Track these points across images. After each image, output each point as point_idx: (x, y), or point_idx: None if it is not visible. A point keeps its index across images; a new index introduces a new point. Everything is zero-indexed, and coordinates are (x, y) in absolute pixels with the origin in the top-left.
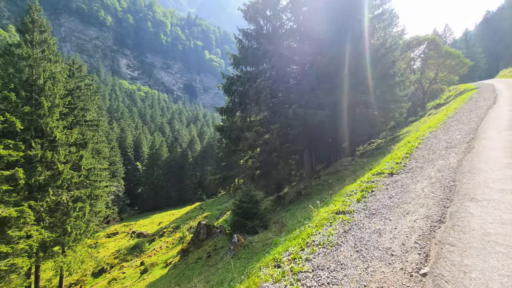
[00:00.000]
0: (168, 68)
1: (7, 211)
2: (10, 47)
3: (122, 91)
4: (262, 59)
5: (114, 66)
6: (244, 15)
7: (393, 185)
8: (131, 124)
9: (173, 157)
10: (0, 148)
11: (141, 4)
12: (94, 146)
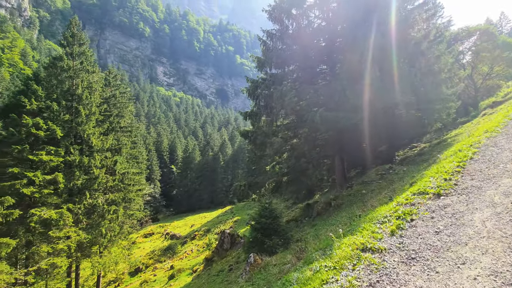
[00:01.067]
0: (201, 74)
1: (48, 213)
2: (54, 60)
3: (159, 97)
4: (288, 60)
5: (152, 74)
6: (269, 16)
7: (440, 212)
8: (166, 128)
9: (205, 160)
10: (43, 154)
11: (176, 14)
12: (128, 151)
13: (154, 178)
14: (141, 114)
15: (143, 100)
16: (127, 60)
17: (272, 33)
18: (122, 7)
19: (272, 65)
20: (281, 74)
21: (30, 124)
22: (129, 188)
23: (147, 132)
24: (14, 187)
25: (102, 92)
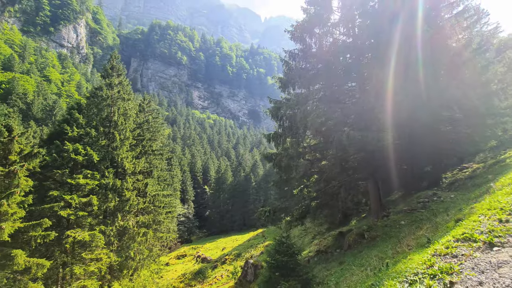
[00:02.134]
0: (233, 96)
1: (82, 235)
2: (95, 90)
3: (194, 120)
4: (313, 79)
5: (188, 98)
6: (291, 36)
7: (493, 275)
8: (200, 150)
9: (237, 181)
10: (81, 178)
11: (210, 42)
12: (159, 173)
13: (188, 199)
14: (178, 137)
15: (180, 123)
16: (166, 87)
17: (294, 53)
18: (163, 40)
19: (296, 85)
20: (305, 94)
21: (71, 150)
22: (159, 210)
23: (182, 153)
24: (52, 210)
25: (136, 117)
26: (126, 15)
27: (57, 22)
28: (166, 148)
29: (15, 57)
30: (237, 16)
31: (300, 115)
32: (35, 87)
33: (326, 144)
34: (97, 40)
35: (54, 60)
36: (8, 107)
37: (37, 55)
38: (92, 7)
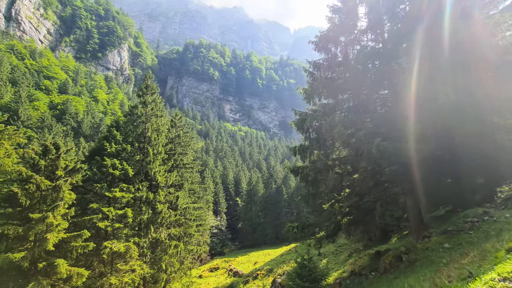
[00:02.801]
0: (264, 108)
1: (118, 246)
2: (131, 109)
3: (226, 133)
4: (340, 89)
5: (220, 111)
6: (315, 47)
7: None
8: (232, 162)
9: (268, 193)
10: (117, 191)
11: (240, 57)
12: (190, 186)
13: (221, 211)
14: (210, 149)
15: (212, 136)
16: (200, 102)
17: (319, 63)
18: (196, 58)
19: (322, 95)
20: (332, 104)
21: (109, 165)
22: (189, 223)
23: (215, 166)
24: (92, 221)
25: (168, 133)
26: (163, 37)
27: (104, 48)
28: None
29: (69, 81)
30: (266, 30)
31: (326, 126)
32: (85, 107)
33: (355, 157)
34: (138, 62)
35: (101, 82)
36: (63, 126)
37: (87, 78)
38: (134, 33)
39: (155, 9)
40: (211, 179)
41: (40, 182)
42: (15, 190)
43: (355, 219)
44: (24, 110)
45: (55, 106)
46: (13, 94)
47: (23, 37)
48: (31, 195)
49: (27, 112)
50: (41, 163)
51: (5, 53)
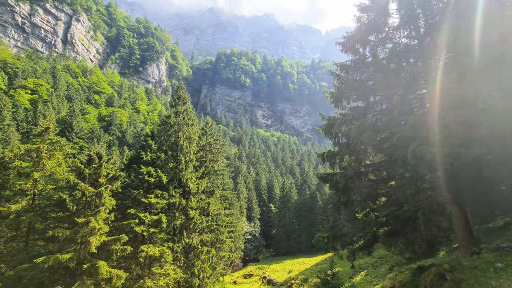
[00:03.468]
0: (296, 113)
1: (153, 250)
2: (165, 119)
3: (258, 139)
4: (370, 90)
5: (252, 118)
6: (343, 48)
7: None
8: (265, 167)
9: (302, 199)
10: (152, 197)
11: (271, 63)
12: (221, 192)
13: (254, 217)
14: (243, 155)
15: (245, 143)
16: (232, 109)
17: (346, 65)
18: (228, 66)
19: (350, 98)
20: (363, 107)
21: (145, 172)
22: (221, 229)
23: (248, 171)
24: (129, 226)
25: (199, 140)
26: (197, 48)
27: (144, 62)
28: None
29: (115, 94)
30: (297, 34)
31: (355, 131)
32: (128, 118)
33: (388, 163)
34: (175, 74)
35: (142, 94)
36: (109, 136)
37: (130, 91)
38: (170, 47)
39: (189, 23)
40: (244, 185)
41: (84, 189)
42: (64, 196)
43: (393, 230)
44: (77, 123)
45: (103, 118)
46: (68, 108)
47: (76, 58)
48: (77, 201)
49: (80, 124)
50: (86, 171)
51: (62, 72)
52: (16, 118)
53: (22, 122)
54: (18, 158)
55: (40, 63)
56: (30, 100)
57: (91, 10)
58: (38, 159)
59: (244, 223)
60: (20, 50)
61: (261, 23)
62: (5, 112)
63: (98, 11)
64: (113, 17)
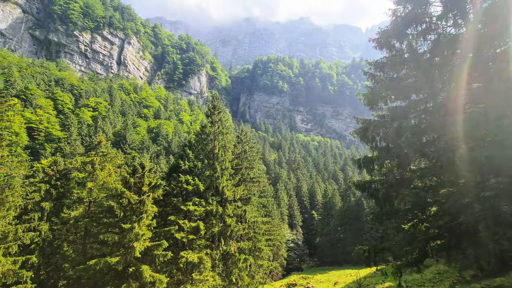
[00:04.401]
0: (337, 115)
1: (192, 256)
2: (202, 128)
3: (298, 144)
4: (409, 89)
5: (291, 123)
6: (377, 44)
7: None
8: (305, 173)
9: (346, 206)
10: (190, 205)
11: (309, 66)
12: (258, 200)
13: (296, 224)
14: (283, 161)
15: (285, 148)
16: (271, 115)
17: (381, 63)
18: (265, 73)
19: (388, 99)
20: (402, 108)
21: (183, 181)
22: (258, 237)
23: (288, 178)
24: (170, 232)
25: (235, 148)
26: (235, 58)
27: (187, 76)
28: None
29: (161, 107)
30: (335, 35)
31: (392, 134)
32: (173, 129)
33: (436, 169)
34: (214, 84)
35: (185, 106)
36: (157, 146)
37: (174, 103)
38: (210, 59)
39: (227, 35)
40: (285, 191)
41: (130, 196)
42: (112, 203)
43: (448, 243)
44: (130, 135)
45: (151, 129)
46: (122, 122)
47: (128, 76)
48: (124, 208)
49: (132, 136)
50: (131, 180)
51: (117, 90)
52: (80, 133)
53: (85, 137)
54: (76, 170)
55: (99, 84)
56: (92, 116)
57: (140, 33)
58: (92, 170)
59: (286, 230)
60: (83, 73)
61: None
62: (72, 128)
63: (145, 33)
64: (158, 37)
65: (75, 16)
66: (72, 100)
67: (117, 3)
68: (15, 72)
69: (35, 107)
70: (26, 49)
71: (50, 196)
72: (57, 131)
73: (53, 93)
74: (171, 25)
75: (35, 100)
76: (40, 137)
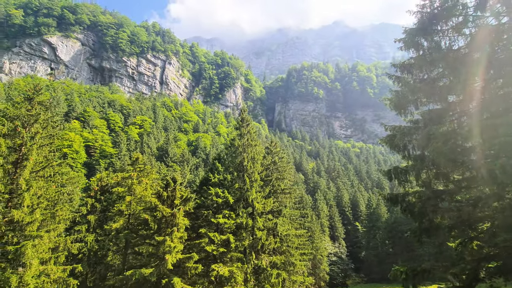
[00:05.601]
0: (379, 119)
1: (223, 269)
2: (231, 141)
3: (337, 151)
4: (444, 90)
5: (329, 129)
6: (404, 45)
7: None
8: (346, 182)
9: (394, 218)
10: (220, 217)
11: (345, 70)
12: (290, 212)
13: (338, 236)
14: (321, 170)
15: (323, 156)
16: (307, 122)
17: (409, 64)
18: (299, 81)
19: (418, 102)
20: (438, 111)
21: (213, 193)
22: (291, 251)
23: (327, 187)
24: (200, 245)
25: (264, 160)
26: (269, 68)
27: (222, 89)
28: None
29: (200, 121)
30: (373, 35)
31: (420, 139)
32: (211, 141)
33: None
34: (249, 95)
35: (222, 118)
36: (196, 158)
37: (212, 117)
38: (244, 71)
39: (260, 47)
40: (324, 202)
41: (162, 210)
42: (146, 216)
43: (504, 266)
44: (171, 149)
45: (191, 143)
46: (164, 137)
47: (170, 94)
48: (158, 221)
49: (173, 150)
50: (164, 194)
51: (160, 108)
52: (129, 148)
53: (133, 152)
54: (117, 185)
55: (144, 103)
56: (138, 133)
57: (179, 53)
58: (130, 184)
59: (327, 243)
60: (131, 94)
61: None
62: (122, 145)
63: (184, 53)
64: (195, 55)
65: (123, 44)
66: (122, 119)
67: (158, 28)
68: (76, 98)
69: (91, 127)
70: (84, 77)
71: (95, 209)
72: (110, 147)
73: (106, 113)
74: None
75: (91, 121)
76: (96, 154)
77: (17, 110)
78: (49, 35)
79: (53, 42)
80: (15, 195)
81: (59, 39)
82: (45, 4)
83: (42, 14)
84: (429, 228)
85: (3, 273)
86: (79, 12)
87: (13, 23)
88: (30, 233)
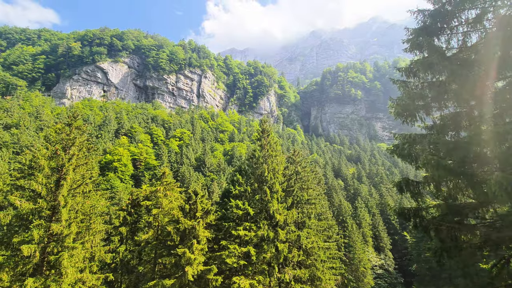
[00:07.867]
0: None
1: (244, 283)
2: (252, 152)
3: (381, 154)
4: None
5: (370, 132)
6: (411, 46)
7: None
8: (391, 188)
9: None
10: (241, 229)
11: (384, 68)
12: (315, 223)
13: (384, 247)
14: (362, 175)
15: (364, 160)
16: (345, 125)
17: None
18: (335, 83)
19: (429, 108)
20: (454, 116)
21: (233, 205)
22: (317, 265)
23: (369, 193)
24: (221, 257)
25: (286, 170)
26: (303, 73)
27: (256, 98)
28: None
29: (235, 131)
30: None
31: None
32: (246, 150)
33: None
34: (284, 102)
35: (256, 126)
36: (232, 168)
37: (247, 125)
38: (277, 79)
39: (293, 52)
40: (366, 209)
41: (184, 222)
42: (169, 229)
43: None
44: (208, 159)
45: (227, 152)
46: (202, 148)
47: (206, 106)
48: (180, 233)
49: (210, 160)
50: (186, 207)
51: (198, 120)
52: (170, 160)
53: (173, 163)
54: (145, 198)
55: (183, 116)
56: (178, 145)
57: (214, 66)
58: (157, 198)
59: (371, 254)
60: (172, 109)
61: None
62: (164, 157)
63: (218, 66)
64: (229, 67)
65: (163, 63)
66: (163, 132)
67: (194, 45)
68: (124, 116)
69: (137, 142)
70: (131, 96)
71: (126, 222)
72: (153, 160)
73: (149, 128)
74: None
75: (137, 136)
76: (141, 166)
77: (58, 136)
78: (101, 61)
79: (105, 67)
80: (56, 210)
81: (110, 64)
82: (98, 35)
83: (95, 44)
84: (453, 248)
85: (46, 280)
86: (125, 38)
87: (73, 54)
88: (67, 244)
